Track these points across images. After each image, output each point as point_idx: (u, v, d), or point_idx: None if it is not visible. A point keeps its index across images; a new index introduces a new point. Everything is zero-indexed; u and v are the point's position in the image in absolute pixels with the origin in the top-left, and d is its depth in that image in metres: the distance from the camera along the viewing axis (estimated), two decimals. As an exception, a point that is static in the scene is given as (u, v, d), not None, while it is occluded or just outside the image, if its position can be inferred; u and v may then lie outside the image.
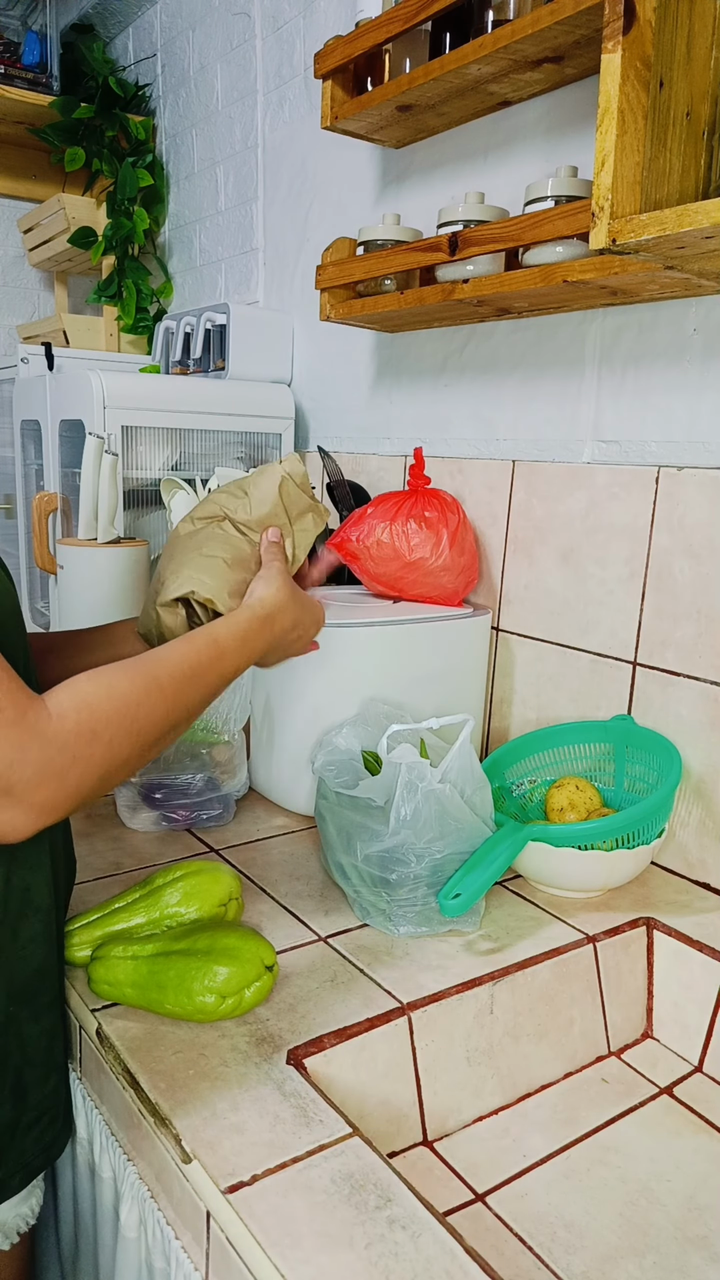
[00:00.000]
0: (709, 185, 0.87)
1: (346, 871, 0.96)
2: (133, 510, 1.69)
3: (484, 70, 1.14)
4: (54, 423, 1.71)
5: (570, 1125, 0.86)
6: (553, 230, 1.03)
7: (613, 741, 1.16)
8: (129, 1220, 0.75)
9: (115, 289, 2.26)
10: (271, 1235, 0.58)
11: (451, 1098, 0.84)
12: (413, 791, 0.90)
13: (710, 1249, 0.73)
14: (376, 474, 1.60)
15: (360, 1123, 0.76)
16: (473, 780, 0.96)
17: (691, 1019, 0.96)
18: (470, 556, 1.32)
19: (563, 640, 1.26)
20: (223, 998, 0.76)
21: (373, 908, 0.95)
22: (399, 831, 0.90)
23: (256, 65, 1.85)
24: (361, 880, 0.94)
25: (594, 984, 0.95)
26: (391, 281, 1.33)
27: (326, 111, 1.35)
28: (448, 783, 0.93)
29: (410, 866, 0.90)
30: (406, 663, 1.21)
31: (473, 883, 0.90)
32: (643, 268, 0.93)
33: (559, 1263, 0.71)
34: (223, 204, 2.02)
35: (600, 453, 1.20)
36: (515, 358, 1.32)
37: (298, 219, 1.77)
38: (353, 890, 0.97)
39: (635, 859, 1.01)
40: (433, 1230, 0.59)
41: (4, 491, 2.12)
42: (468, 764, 0.97)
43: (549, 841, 0.98)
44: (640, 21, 0.78)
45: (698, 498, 1.08)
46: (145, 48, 2.30)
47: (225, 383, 1.74)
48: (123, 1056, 0.75)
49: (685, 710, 1.10)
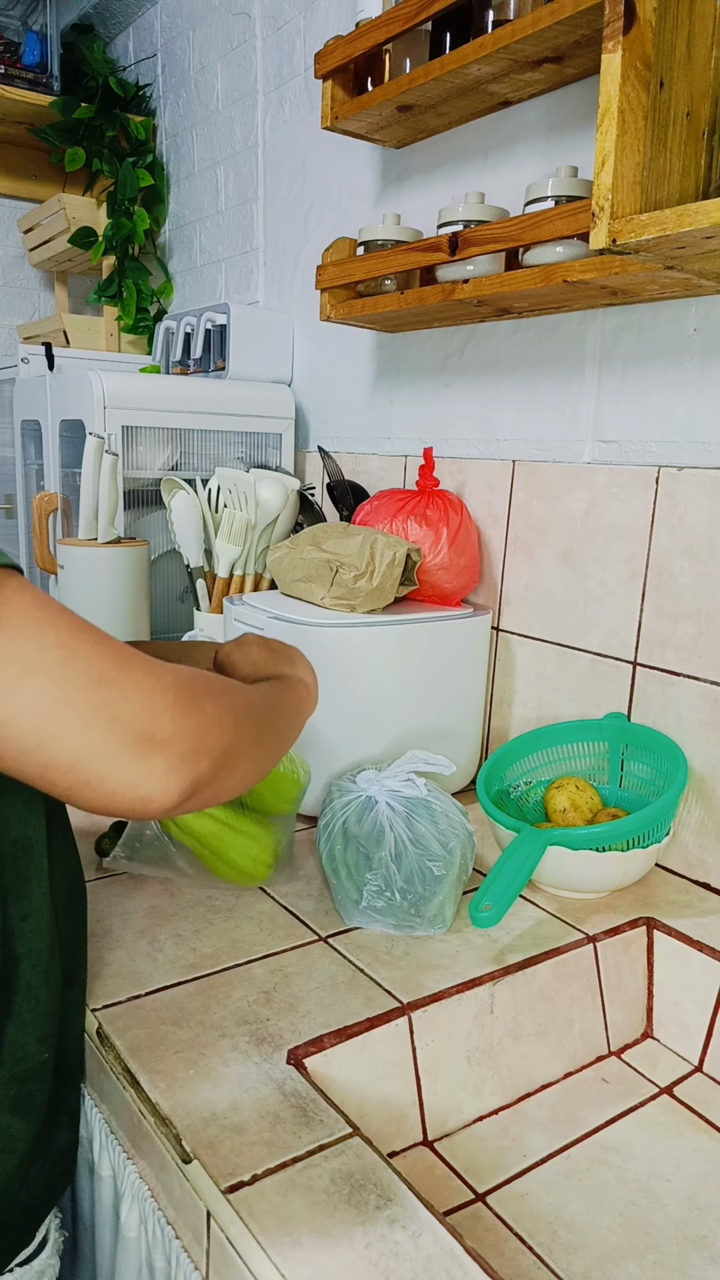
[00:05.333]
0: (709, 185, 0.87)
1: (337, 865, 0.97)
2: (133, 510, 1.69)
3: (484, 70, 1.14)
4: (54, 423, 1.71)
5: (570, 1125, 0.86)
6: (553, 230, 1.03)
7: (608, 740, 1.16)
8: (129, 1219, 0.75)
9: (115, 289, 2.26)
10: (271, 1235, 0.58)
11: (452, 1097, 0.84)
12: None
13: (711, 1249, 0.73)
14: (376, 474, 1.60)
15: (360, 1122, 0.76)
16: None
17: (691, 1019, 0.96)
18: (471, 558, 1.32)
19: (563, 640, 1.26)
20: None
21: (347, 898, 0.96)
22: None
23: (257, 65, 1.85)
24: (347, 872, 0.95)
25: (594, 984, 0.95)
26: (392, 281, 1.33)
27: (326, 111, 1.35)
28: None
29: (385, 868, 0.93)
30: (406, 663, 1.21)
31: (502, 894, 0.90)
32: (643, 268, 0.93)
33: (559, 1263, 0.71)
34: (223, 204, 2.02)
35: (600, 453, 1.20)
36: (515, 358, 1.32)
37: (298, 219, 1.77)
38: (337, 880, 0.97)
39: (648, 858, 1.01)
40: (433, 1230, 0.59)
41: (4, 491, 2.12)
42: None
43: (568, 845, 0.98)
44: (640, 21, 0.78)
45: (698, 498, 1.08)
46: (145, 48, 2.30)
47: (225, 383, 1.74)
48: (123, 1056, 0.75)
49: (685, 710, 1.10)
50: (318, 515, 1.57)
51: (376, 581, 1.18)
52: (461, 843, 0.96)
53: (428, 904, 0.93)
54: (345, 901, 0.96)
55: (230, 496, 1.50)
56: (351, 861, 0.94)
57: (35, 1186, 0.72)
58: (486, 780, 1.11)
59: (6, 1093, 0.67)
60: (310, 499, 1.57)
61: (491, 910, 0.88)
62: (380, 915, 0.94)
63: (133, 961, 0.87)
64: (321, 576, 1.21)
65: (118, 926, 0.93)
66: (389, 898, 0.93)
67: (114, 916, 0.95)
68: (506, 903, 0.89)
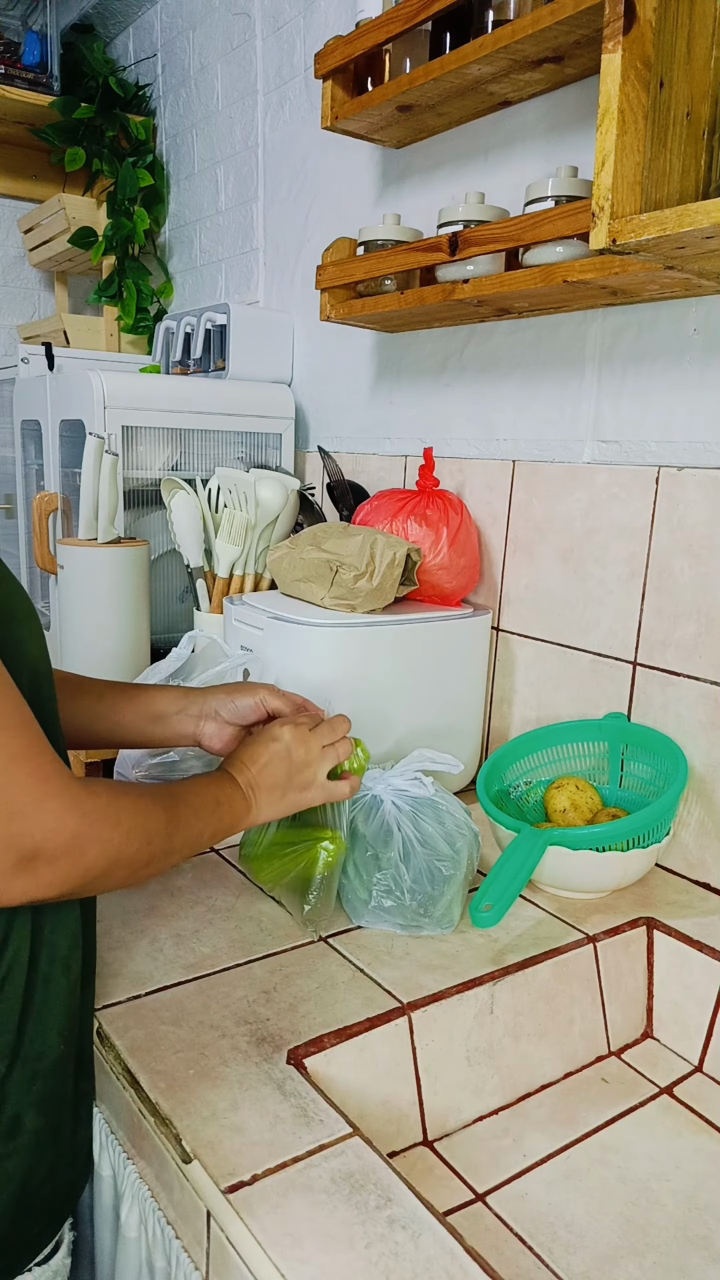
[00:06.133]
0: (709, 185, 0.87)
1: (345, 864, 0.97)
2: (133, 510, 1.69)
3: (484, 70, 1.14)
4: (54, 423, 1.71)
5: (570, 1125, 0.86)
6: (553, 230, 1.03)
7: (607, 739, 1.16)
8: (129, 1220, 0.75)
9: (115, 289, 2.26)
10: (272, 1235, 0.58)
11: (452, 1097, 0.84)
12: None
13: (711, 1249, 0.73)
14: (376, 474, 1.60)
15: (360, 1122, 0.76)
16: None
17: (691, 1019, 0.96)
18: (471, 558, 1.32)
19: (563, 640, 1.26)
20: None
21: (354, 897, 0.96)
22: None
23: (257, 65, 1.85)
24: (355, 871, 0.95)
25: (594, 984, 0.95)
26: (392, 281, 1.33)
27: (327, 111, 1.35)
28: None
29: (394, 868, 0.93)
30: (407, 663, 1.21)
31: (503, 894, 0.90)
32: (643, 268, 0.93)
33: (559, 1262, 0.71)
34: (223, 204, 2.02)
35: (600, 453, 1.20)
36: (515, 358, 1.32)
37: (298, 219, 1.77)
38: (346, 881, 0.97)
39: (648, 858, 1.01)
40: (433, 1230, 0.59)
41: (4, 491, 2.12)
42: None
43: (568, 845, 0.98)
44: (640, 21, 0.78)
45: (698, 497, 1.08)
46: (145, 48, 2.30)
47: (225, 383, 1.74)
48: (123, 1056, 0.75)
49: (685, 710, 1.10)
50: (318, 515, 1.57)
51: (376, 581, 1.18)
52: (468, 842, 0.96)
53: (436, 904, 0.93)
54: (353, 901, 0.96)
55: (230, 496, 1.50)
56: (359, 861, 0.94)
57: (59, 1182, 0.72)
58: (487, 780, 1.11)
59: (30, 1088, 0.67)
60: (310, 499, 1.57)
61: (492, 910, 0.88)
62: (389, 915, 0.94)
63: (133, 961, 0.87)
64: (321, 576, 1.21)
65: (118, 926, 0.93)
66: (398, 897, 0.93)
67: (114, 916, 0.95)
68: (507, 903, 0.89)
